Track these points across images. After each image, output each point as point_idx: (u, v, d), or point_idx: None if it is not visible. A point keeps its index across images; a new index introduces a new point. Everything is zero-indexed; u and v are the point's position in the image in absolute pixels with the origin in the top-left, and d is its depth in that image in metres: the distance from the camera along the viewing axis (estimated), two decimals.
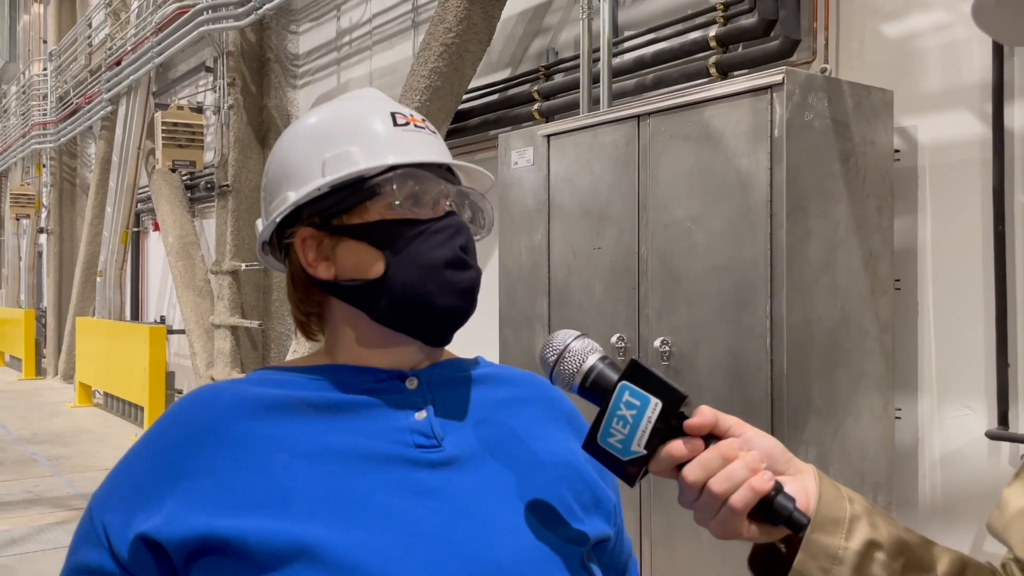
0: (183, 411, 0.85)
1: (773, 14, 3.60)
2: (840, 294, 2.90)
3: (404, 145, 0.87)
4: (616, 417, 0.73)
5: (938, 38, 3.20)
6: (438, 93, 5.06)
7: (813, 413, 2.83)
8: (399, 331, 0.87)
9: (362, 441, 0.81)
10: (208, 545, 0.73)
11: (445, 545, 0.76)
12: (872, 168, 3.02)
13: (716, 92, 2.96)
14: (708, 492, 0.70)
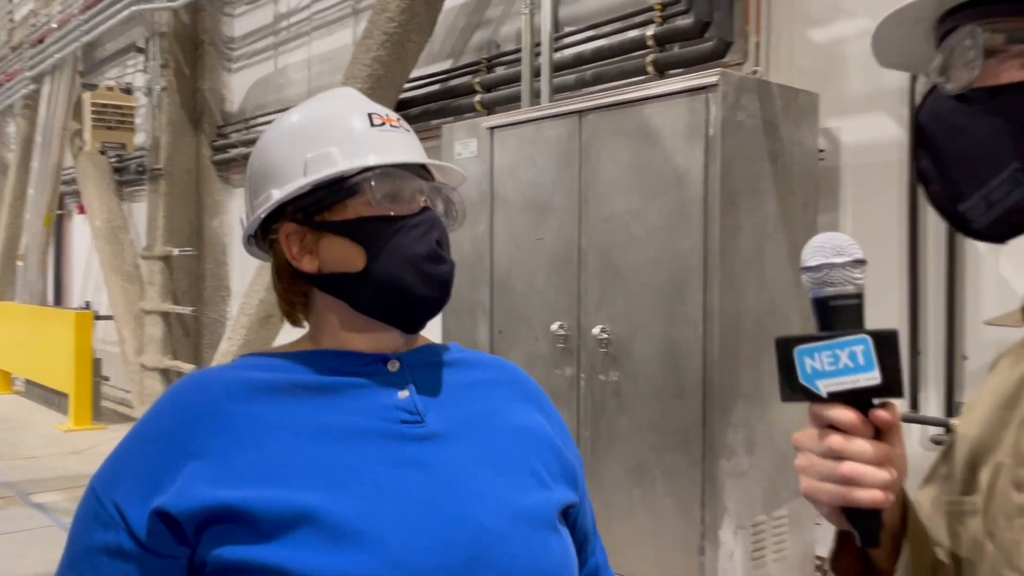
0: (180, 395, 0.91)
1: (708, 16, 3.75)
2: (768, 285, 3.07)
3: (381, 145, 0.94)
4: (832, 351, 0.72)
5: (861, 45, 3.39)
6: (380, 82, 5.07)
7: (741, 397, 2.99)
8: (379, 320, 0.94)
9: (351, 419, 0.89)
10: (217, 515, 0.80)
11: (433, 511, 0.84)
12: (798, 167, 3.19)
13: (655, 91, 3.09)
14: (837, 468, 0.72)
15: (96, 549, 0.83)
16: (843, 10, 3.43)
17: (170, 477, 0.82)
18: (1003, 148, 0.73)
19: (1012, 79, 0.73)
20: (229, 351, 6.28)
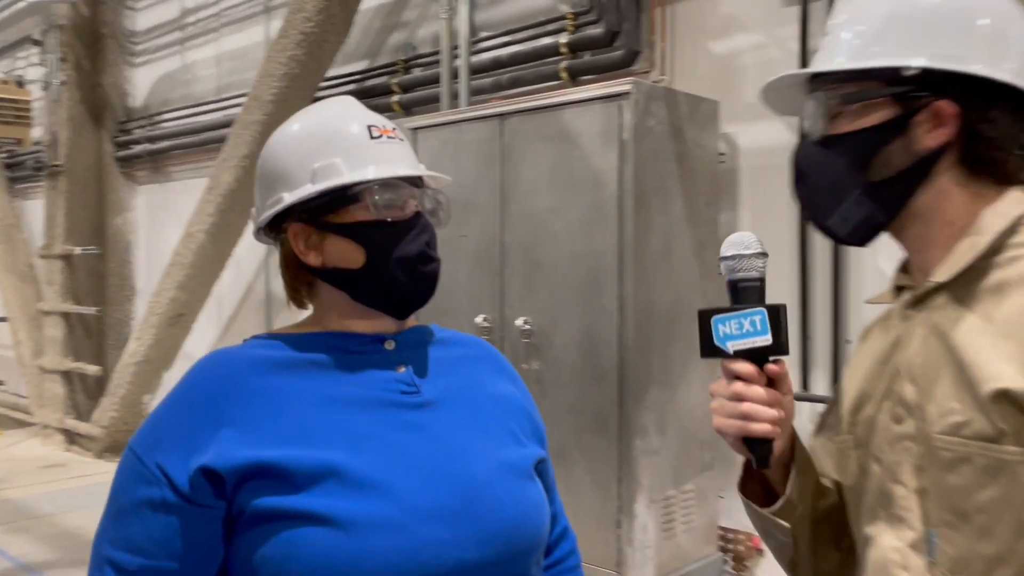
0: (208, 371, 1.04)
1: (617, 26, 3.99)
2: (676, 279, 3.34)
3: (380, 156, 1.09)
4: (738, 319, 0.96)
5: (756, 56, 3.70)
6: (296, 81, 5.12)
7: (653, 382, 3.25)
8: (376, 308, 1.10)
9: (358, 390, 1.04)
10: (255, 471, 0.94)
11: (433, 465, 1.00)
12: (702, 169, 3.47)
13: (572, 97, 3.30)
14: (738, 407, 0.98)
15: (140, 503, 0.96)
16: (740, 25, 3.73)
17: (206, 441, 0.96)
18: (848, 180, 0.98)
19: (848, 129, 0.98)
20: (137, 351, 6.18)
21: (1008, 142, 0.95)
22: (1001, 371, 0.87)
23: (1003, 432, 0.87)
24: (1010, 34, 0.95)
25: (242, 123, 5.38)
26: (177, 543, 0.95)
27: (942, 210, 0.97)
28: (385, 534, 0.93)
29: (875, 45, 0.95)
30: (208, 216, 5.64)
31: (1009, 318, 0.89)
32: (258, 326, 6.21)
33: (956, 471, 0.91)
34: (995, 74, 0.92)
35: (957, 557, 0.91)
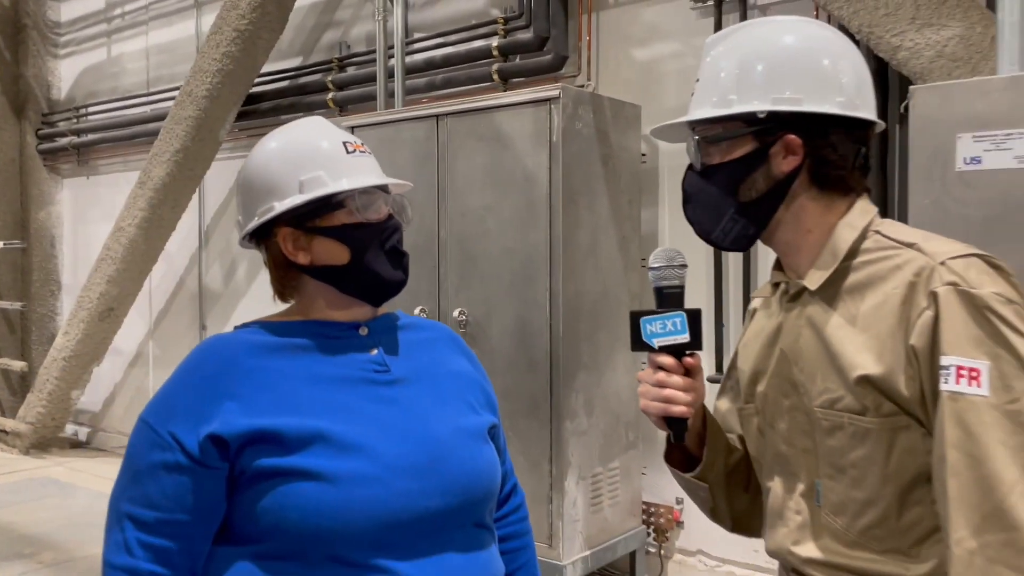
0: (209, 353, 1.21)
1: (546, 32, 4.21)
2: (602, 271, 3.58)
3: (356, 169, 1.27)
4: (662, 321, 1.20)
5: (675, 63, 3.97)
6: (230, 77, 5.19)
7: (582, 368, 3.48)
8: (359, 298, 1.28)
9: (339, 370, 1.22)
10: (254, 437, 1.11)
11: (403, 431, 1.19)
12: (625, 169, 3.72)
13: (505, 100, 3.50)
14: (661, 392, 1.22)
15: (156, 466, 1.12)
16: (660, 34, 4.00)
17: (212, 412, 1.13)
18: (723, 202, 1.22)
19: (719, 161, 1.21)
20: (66, 346, 6.14)
21: (847, 161, 1.19)
22: (863, 360, 1.11)
23: (866, 407, 1.11)
24: (841, 72, 1.17)
25: (174, 118, 5.41)
26: (188, 499, 1.11)
27: (801, 221, 1.21)
28: (365, 486, 1.11)
29: (732, 94, 1.17)
30: (139, 211, 5.64)
31: (865, 315, 1.13)
32: (191, 320, 6.24)
33: (833, 436, 1.15)
34: (826, 108, 1.15)
35: (837, 502, 1.15)
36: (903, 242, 1.14)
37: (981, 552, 0.99)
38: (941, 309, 1.06)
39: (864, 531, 1.12)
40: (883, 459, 1.10)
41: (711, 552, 3.89)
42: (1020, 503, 0.98)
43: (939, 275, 1.07)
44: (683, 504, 3.95)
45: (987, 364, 1.02)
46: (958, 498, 1.02)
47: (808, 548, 1.18)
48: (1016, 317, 1.04)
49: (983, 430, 1.02)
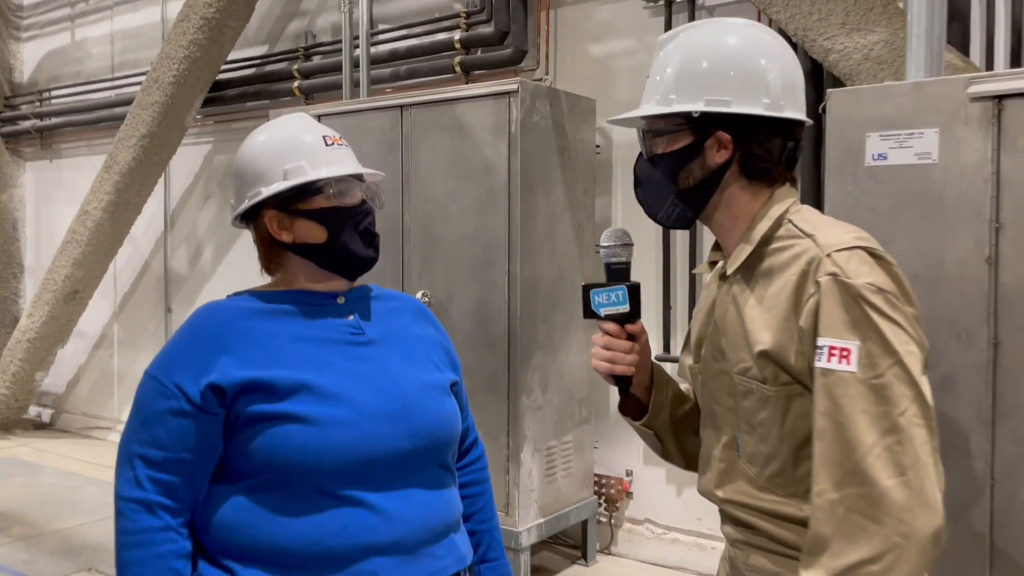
0: (207, 316, 1.39)
1: (506, 26, 4.39)
2: (558, 256, 3.79)
3: (334, 159, 1.45)
4: (607, 293, 1.39)
5: (628, 59, 4.18)
6: (197, 64, 5.29)
7: (538, 347, 3.69)
8: (334, 272, 1.46)
9: (320, 332, 1.41)
10: (248, 386, 1.29)
11: (376, 384, 1.38)
12: (580, 160, 3.93)
13: (466, 93, 3.69)
14: (607, 353, 1.42)
15: (162, 412, 1.30)
16: (614, 31, 4.21)
17: (211, 366, 1.31)
18: (665, 187, 1.39)
19: (663, 151, 1.38)
20: (30, 328, 6.20)
21: (773, 155, 1.35)
22: (764, 337, 1.29)
23: (767, 377, 1.29)
24: (769, 75, 1.32)
25: (141, 103, 5.49)
26: (191, 440, 1.30)
27: (731, 207, 1.37)
28: (344, 429, 1.31)
29: (672, 93, 1.34)
30: (105, 194, 5.72)
31: (770, 297, 1.30)
32: (156, 303, 6.33)
33: (746, 399, 1.34)
34: (752, 110, 1.31)
35: (750, 453, 1.35)
36: (805, 232, 1.30)
37: (841, 503, 1.16)
38: (822, 296, 1.21)
39: (770, 478, 1.32)
40: (780, 421, 1.29)
41: (658, 521, 4.14)
42: (876, 463, 1.14)
43: (824, 266, 1.22)
44: (632, 476, 4.19)
45: (856, 345, 1.18)
46: (823, 457, 1.19)
47: (728, 491, 1.38)
48: (885, 304, 1.19)
49: (848, 401, 1.17)
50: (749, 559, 1.35)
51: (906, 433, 1.16)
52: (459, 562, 1.43)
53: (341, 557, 1.28)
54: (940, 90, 2.08)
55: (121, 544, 1.29)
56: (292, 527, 1.28)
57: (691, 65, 1.34)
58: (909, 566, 1.12)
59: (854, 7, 3.14)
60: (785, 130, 1.35)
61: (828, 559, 1.16)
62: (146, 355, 6.40)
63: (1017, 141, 1.97)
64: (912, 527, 1.12)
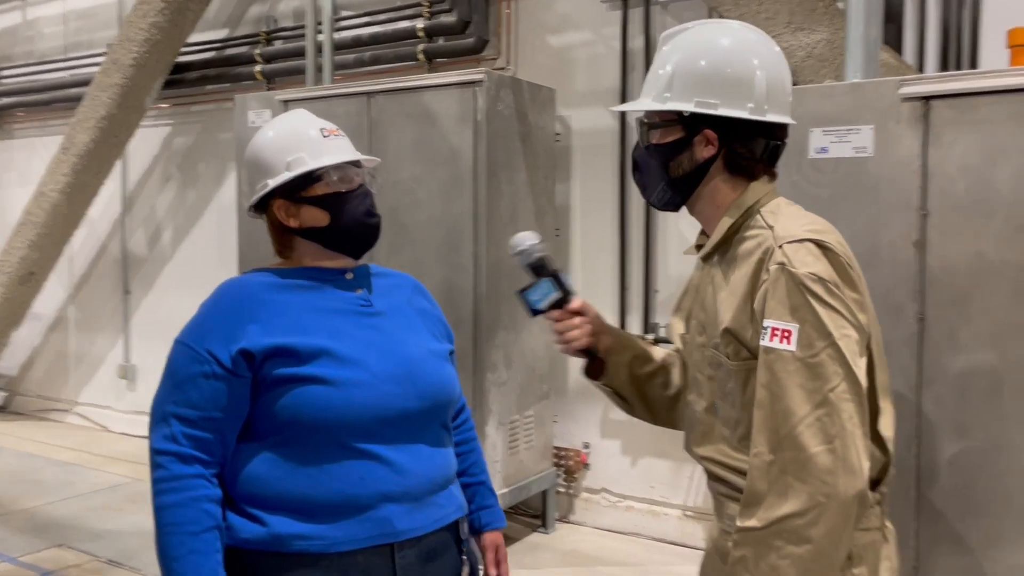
0: (232, 289, 1.53)
1: (468, 16, 4.53)
2: None
3: (332, 148, 1.60)
4: (537, 289, 1.58)
5: (586, 51, 4.37)
6: (157, 47, 5.30)
7: (502, 327, 3.88)
8: (338, 252, 1.62)
9: (333, 304, 1.56)
10: (274, 351, 1.44)
11: (386, 350, 1.54)
12: (541, 147, 4.11)
13: (433, 81, 3.83)
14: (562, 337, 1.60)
15: (196, 375, 1.45)
16: (572, 23, 4.38)
17: (240, 333, 1.46)
18: (658, 175, 1.55)
19: (657, 142, 1.54)
20: None
21: (754, 153, 1.49)
22: (727, 317, 1.46)
23: (729, 353, 1.46)
24: (754, 81, 1.45)
25: (100, 85, 5.48)
26: (223, 400, 1.44)
27: (714, 197, 1.53)
28: (361, 389, 1.47)
29: (667, 92, 1.50)
30: (63, 176, 5.70)
31: (735, 281, 1.46)
32: (114, 285, 6.34)
33: (718, 370, 1.51)
34: (736, 113, 1.45)
35: (725, 417, 1.52)
36: (768, 223, 1.46)
37: (775, 464, 1.32)
38: (771, 283, 1.36)
39: (740, 440, 1.49)
40: (741, 391, 1.46)
41: (613, 490, 4.38)
42: (806, 432, 1.30)
43: (775, 255, 1.37)
44: (589, 448, 4.42)
45: (796, 327, 1.33)
46: (762, 423, 1.35)
47: (706, 449, 1.56)
48: (824, 292, 1.34)
49: (786, 376, 1.33)
50: (728, 508, 1.53)
51: (835, 407, 1.32)
52: (459, 510, 1.61)
53: (359, 504, 1.45)
54: (875, 91, 2.31)
55: (158, 490, 1.43)
56: (315, 478, 1.44)
57: (686, 65, 1.48)
58: (831, 522, 1.29)
59: (798, 7, 3.37)
60: (768, 131, 1.48)
61: (762, 511, 1.33)
62: (104, 337, 6.41)
63: (942, 137, 2.21)
64: (835, 488, 1.29)
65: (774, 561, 1.32)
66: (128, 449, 5.83)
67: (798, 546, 1.30)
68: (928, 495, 2.25)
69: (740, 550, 1.36)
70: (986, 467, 2.17)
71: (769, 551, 1.32)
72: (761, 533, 1.33)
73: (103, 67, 5.47)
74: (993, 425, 2.15)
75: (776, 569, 1.31)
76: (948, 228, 2.21)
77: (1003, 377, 2.14)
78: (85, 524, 4.33)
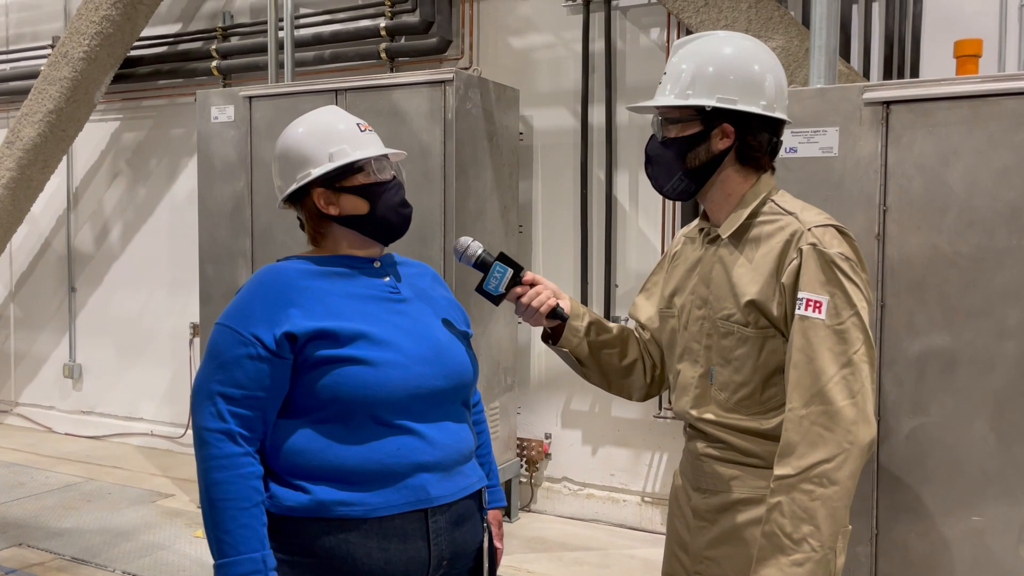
0: (271, 276, 1.60)
1: (431, 17, 4.61)
2: (487, 235, 4.08)
3: (368, 143, 1.69)
4: (491, 277, 1.71)
5: (548, 53, 4.50)
6: (109, 40, 5.22)
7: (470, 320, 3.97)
8: (373, 239, 1.70)
9: (366, 290, 1.64)
10: (316, 334, 1.52)
11: (417, 333, 1.63)
12: (506, 145, 4.23)
13: (403, 80, 3.91)
14: (529, 306, 1.72)
15: (241, 357, 1.51)
16: (534, 26, 4.51)
17: (283, 317, 1.53)
18: (675, 166, 1.70)
19: (675, 136, 1.69)
20: None
21: (763, 147, 1.66)
22: (751, 290, 1.61)
23: (749, 321, 1.62)
24: (766, 81, 1.63)
25: (47, 79, 5.36)
26: (267, 380, 1.51)
27: (726, 186, 1.68)
28: (396, 369, 1.56)
29: (688, 89, 1.65)
30: (7, 171, 5.55)
31: (757, 259, 1.63)
32: (58, 282, 6.19)
33: (726, 339, 1.66)
34: (753, 109, 1.62)
35: (723, 381, 1.68)
36: (788, 210, 1.64)
37: (807, 417, 1.51)
38: (804, 260, 1.54)
39: (738, 402, 1.66)
40: (756, 356, 1.63)
41: (574, 478, 4.52)
42: (835, 389, 1.49)
43: (806, 237, 1.56)
44: (551, 438, 4.55)
45: (826, 299, 1.52)
46: (796, 382, 1.53)
47: (701, 411, 1.71)
48: (850, 270, 1.54)
49: (818, 341, 1.52)
50: (716, 468, 1.70)
51: (857, 367, 1.52)
52: (481, 480, 1.71)
53: (396, 473, 1.54)
54: (840, 95, 2.50)
55: (208, 467, 1.49)
56: (355, 451, 1.53)
57: (706, 66, 1.64)
58: (853, 465, 1.50)
59: (756, 16, 3.56)
60: (773, 127, 1.68)
61: (795, 459, 1.51)
62: (48, 334, 6.25)
63: (901, 139, 2.41)
64: (856, 436, 1.50)
65: (806, 503, 1.49)
66: (76, 449, 5.71)
67: (827, 488, 1.48)
68: (888, 467, 2.45)
69: (776, 496, 1.52)
70: (940, 439, 2.37)
71: (802, 495, 1.49)
72: (794, 479, 1.50)
73: (51, 60, 5.35)
74: (947, 401, 2.36)
75: (808, 510, 1.48)
76: (906, 222, 2.41)
77: (956, 358, 2.35)
78: (42, 523, 4.26)
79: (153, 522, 4.33)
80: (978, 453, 2.32)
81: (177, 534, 4.16)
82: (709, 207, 1.75)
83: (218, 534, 1.48)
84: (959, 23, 3.52)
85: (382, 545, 1.53)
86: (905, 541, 2.41)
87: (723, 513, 1.68)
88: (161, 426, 5.79)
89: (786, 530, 1.50)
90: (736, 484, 1.67)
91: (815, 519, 1.48)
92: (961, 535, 2.34)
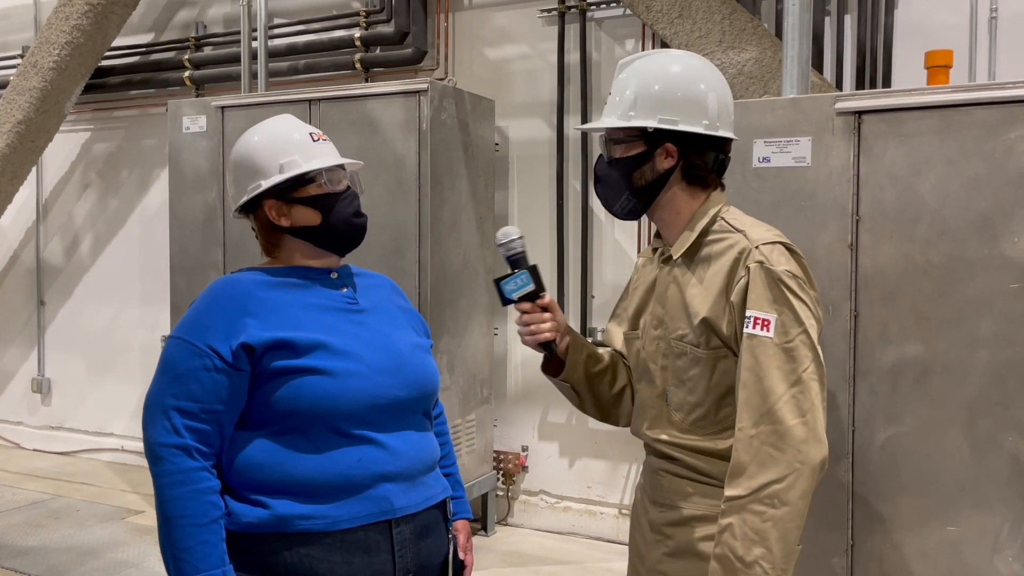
0: (226, 287, 1.56)
1: (406, 27, 4.60)
2: (462, 246, 4.05)
3: (321, 152, 1.66)
4: (513, 280, 1.69)
5: (523, 64, 4.49)
6: (79, 50, 5.15)
7: (446, 331, 3.94)
8: (328, 250, 1.66)
9: (322, 301, 1.61)
10: (273, 345, 1.48)
11: (376, 343, 1.59)
12: (482, 156, 4.21)
13: (377, 90, 3.88)
14: (528, 328, 1.70)
15: (196, 369, 1.47)
16: (509, 37, 4.50)
17: (239, 328, 1.49)
18: (621, 186, 1.68)
19: (620, 155, 1.67)
20: None
21: (708, 164, 1.66)
22: (703, 309, 1.60)
23: (701, 341, 1.61)
24: (708, 100, 1.62)
25: (16, 88, 5.28)
26: (224, 393, 1.47)
27: (674, 205, 1.68)
28: (355, 379, 1.52)
29: (631, 110, 1.65)
30: None
31: (708, 278, 1.62)
32: (27, 295, 6.09)
33: (680, 359, 1.65)
34: (694, 129, 1.62)
35: (678, 402, 1.67)
36: (736, 228, 1.63)
37: (756, 437, 1.49)
38: (751, 278, 1.54)
39: (693, 423, 1.65)
40: (708, 376, 1.62)
41: (551, 491, 4.49)
42: (785, 408, 1.48)
43: (753, 255, 1.55)
44: (528, 451, 4.52)
45: (774, 317, 1.51)
46: (745, 401, 1.52)
47: (656, 431, 1.71)
48: (797, 287, 1.53)
49: (766, 359, 1.50)
50: (672, 484, 1.69)
51: (806, 385, 1.51)
52: (445, 491, 1.68)
53: (358, 484, 1.50)
54: (812, 105, 2.50)
55: (163, 484, 1.45)
56: (316, 462, 1.49)
57: (649, 87, 1.64)
58: (804, 485, 1.48)
59: (730, 28, 3.57)
60: (718, 145, 1.67)
61: (746, 480, 1.49)
62: (16, 348, 6.14)
63: (873, 149, 2.41)
64: (807, 456, 1.48)
65: (757, 525, 1.46)
66: (44, 466, 5.60)
67: (778, 509, 1.46)
68: (862, 477, 2.44)
69: (727, 517, 1.50)
70: (914, 450, 2.36)
71: (753, 516, 1.46)
72: (744, 500, 1.48)
73: (20, 70, 5.27)
74: (921, 412, 2.35)
75: (760, 532, 1.46)
76: (879, 232, 2.40)
77: (929, 367, 2.35)
78: (7, 541, 4.15)
79: (122, 539, 4.25)
80: (952, 463, 2.32)
81: (147, 552, 4.07)
82: (660, 226, 1.74)
83: (176, 552, 1.43)
84: (930, 34, 3.55)
85: (346, 559, 1.50)
86: (880, 552, 2.40)
87: (678, 528, 1.67)
88: (132, 441, 5.69)
89: (738, 552, 1.47)
90: (691, 501, 1.65)
91: (767, 541, 1.46)
92: (936, 546, 2.33)
